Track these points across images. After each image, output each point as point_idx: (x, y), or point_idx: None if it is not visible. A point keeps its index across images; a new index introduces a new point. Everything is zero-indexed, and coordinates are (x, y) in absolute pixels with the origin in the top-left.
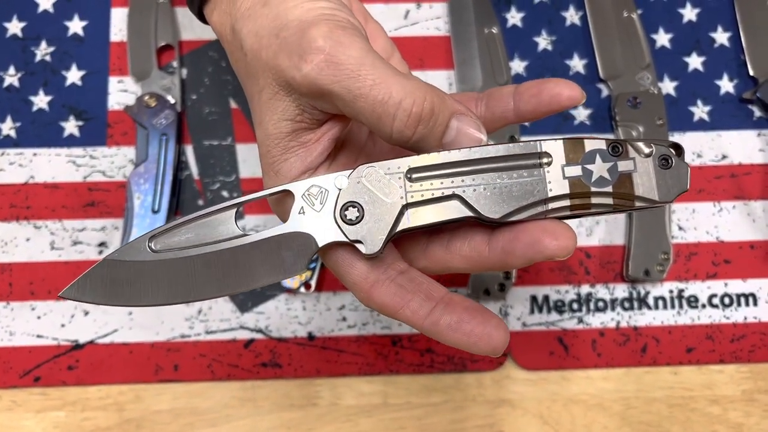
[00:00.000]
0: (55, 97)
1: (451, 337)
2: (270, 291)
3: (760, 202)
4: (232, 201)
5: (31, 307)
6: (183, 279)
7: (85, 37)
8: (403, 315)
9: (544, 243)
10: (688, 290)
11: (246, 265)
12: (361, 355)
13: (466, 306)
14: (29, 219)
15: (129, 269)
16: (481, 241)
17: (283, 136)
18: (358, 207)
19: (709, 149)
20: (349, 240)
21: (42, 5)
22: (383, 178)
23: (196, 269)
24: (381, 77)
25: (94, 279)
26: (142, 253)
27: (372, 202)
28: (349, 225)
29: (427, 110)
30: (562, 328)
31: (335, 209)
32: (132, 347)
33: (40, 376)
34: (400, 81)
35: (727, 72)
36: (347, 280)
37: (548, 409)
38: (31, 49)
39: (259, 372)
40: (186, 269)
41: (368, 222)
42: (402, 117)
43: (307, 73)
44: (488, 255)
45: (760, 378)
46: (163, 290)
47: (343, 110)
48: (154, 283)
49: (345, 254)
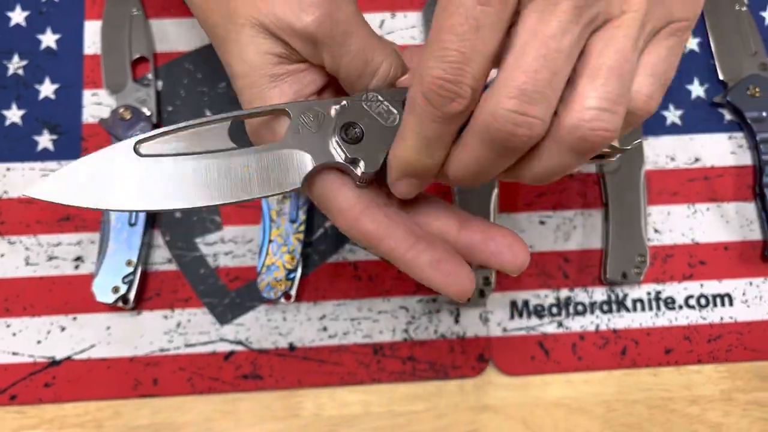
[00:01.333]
0: (28, 110)
1: (429, 275)
2: (250, 302)
3: (732, 203)
4: (227, 114)
5: (6, 324)
6: (171, 183)
7: (59, 50)
8: (385, 245)
9: (504, 257)
10: (665, 292)
11: (239, 175)
12: (342, 364)
13: (446, 248)
14: (3, 235)
15: (111, 168)
16: (451, 225)
17: (270, 65)
18: (359, 128)
19: (682, 152)
20: (348, 159)
21: (14, 19)
22: (383, 104)
23: (186, 173)
24: (367, 40)
25: (72, 177)
26: (127, 155)
27: (371, 125)
28: (350, 144)
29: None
30: (542, 333)
31: (334, 129)
32: (110, 362)
33: (16, 394)
34: (381, 46)
35: (697, 77)
36: (335, 206)
37: (531, 414)
38: (3, 63)
39: (240, 384)
40: (175, 173)
41: (368, 142)
42: (380, 78)
43: (307, 23)
44: (456, 241)
45: (737, 377)
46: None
47: (327, 62)
48: (139, 184)
49: (336, 178)
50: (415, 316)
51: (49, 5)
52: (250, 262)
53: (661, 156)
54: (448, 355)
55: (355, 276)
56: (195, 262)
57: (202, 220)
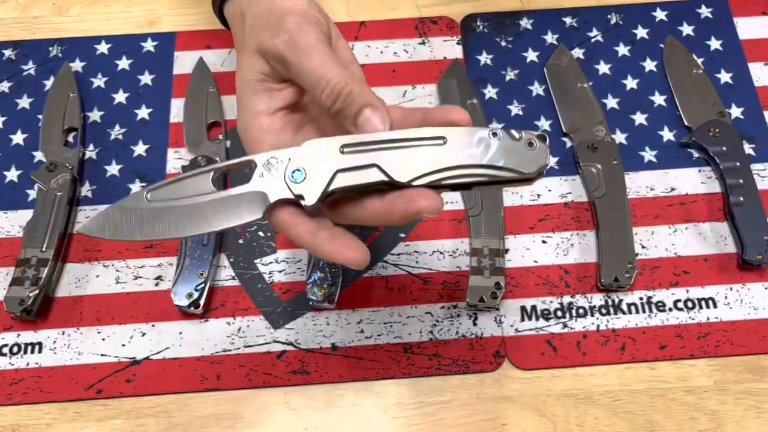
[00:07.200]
0: (124, 165)
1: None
2: (299, 310)
3: (707, 223)
4: (209, 167)
5: (97, 331)
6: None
7: (150, 120)
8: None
9: (417, 201)
10: (656, 297)
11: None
12: (377, 361)
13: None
14: (99, 260)
15: (130, 214)
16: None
17: (254, 81)
18: (302, 171)
19: (659, 184)
20: (294, 195)
21: (117, 99)
22: (322, 150)
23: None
24: (323, 60)
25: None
26: (140, 202)
27: (313, 168)
28: (295, 184)
29: (346, 92)
30: (549, 332)
31: (285, 172)
32: (181, 361)
33: (102, 388)
34: (335, 67)
35: (666, 124)
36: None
37: (544, 403)
38: (108, 131)
39: (290, 379)
40: (169, 216)
41: (309, 182)
42: (327, 91)
43: (276, 44)
44: (378, 208)
45: (728, 370)
46: (153, 229)
47: (294, 77)
48: (147, 224)
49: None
50: (438, 319)
51: (145, 88)
52: (299, 278)
53: (642, 187)
54: (469, 352)
55: (387, 288)
56: (254, 278)
57: (261, 245)
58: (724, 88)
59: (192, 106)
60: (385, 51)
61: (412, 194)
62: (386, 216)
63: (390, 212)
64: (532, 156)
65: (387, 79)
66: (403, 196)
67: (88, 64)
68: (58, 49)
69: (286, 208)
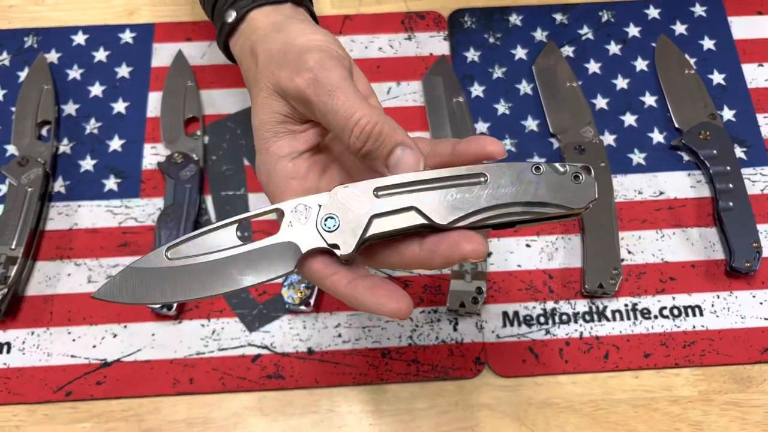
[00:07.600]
0: (99, 160)
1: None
2: (275, 313)
3: (695, 228)
4: (232, 218)
5: (67, 332)
6: (189, 281)
7: (127, 114)
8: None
9: (461, 246)
10: (641, 304)
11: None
12: (354, 366)
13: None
14: (71, 258)
15: (149, 274)
16: (415, 244)
17: (274, 122)
18: (335, 218)
19: (648, 187)
20: (328, 245)
21: (93, 92)
22: (355, 195)
23: (200, 274)
24: (349, 100)
25: (122, 282)
26: (160, 261)
27: (346, 215)
28: (328, 232)
29: (376, 132)
30: (531, 339)
31: (317, 221)
32: (153, 364)
33: (71, 391)
34: (363, 105)
35: (656, 126)
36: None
37: (524, 412)
38: (83, 125)
39: (265, 383)
40: (192, 274)
41: (343, 230)
42: (356, 132)
43: (297, 84)
44: (418, 254)
45: (713, 380)
46: (176, 290)
47: (318, 118)
48: (169, 284)
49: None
50: (418, 324)
51: (122, 81)
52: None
53: (630, 190)
54: (448, 358)
55: None
56: None
57: None
58: (716, 89)
59: (170, 101)
60: (370, 46)
61: (454, 238)
62: (427, 262)
63: (431, 259)
64: (580, 190)
65: (371, 76)
66: (444, 241)
67: (64, 55)
68: (34, 39)
69: (319, 258)
